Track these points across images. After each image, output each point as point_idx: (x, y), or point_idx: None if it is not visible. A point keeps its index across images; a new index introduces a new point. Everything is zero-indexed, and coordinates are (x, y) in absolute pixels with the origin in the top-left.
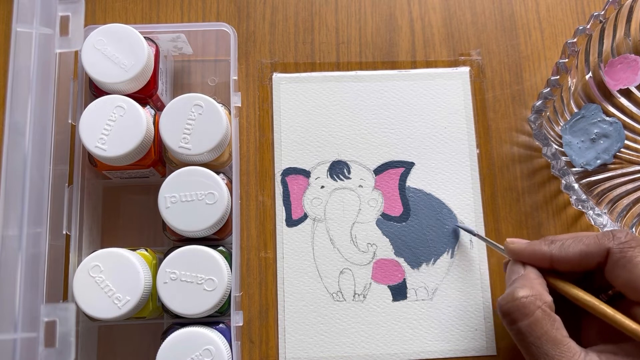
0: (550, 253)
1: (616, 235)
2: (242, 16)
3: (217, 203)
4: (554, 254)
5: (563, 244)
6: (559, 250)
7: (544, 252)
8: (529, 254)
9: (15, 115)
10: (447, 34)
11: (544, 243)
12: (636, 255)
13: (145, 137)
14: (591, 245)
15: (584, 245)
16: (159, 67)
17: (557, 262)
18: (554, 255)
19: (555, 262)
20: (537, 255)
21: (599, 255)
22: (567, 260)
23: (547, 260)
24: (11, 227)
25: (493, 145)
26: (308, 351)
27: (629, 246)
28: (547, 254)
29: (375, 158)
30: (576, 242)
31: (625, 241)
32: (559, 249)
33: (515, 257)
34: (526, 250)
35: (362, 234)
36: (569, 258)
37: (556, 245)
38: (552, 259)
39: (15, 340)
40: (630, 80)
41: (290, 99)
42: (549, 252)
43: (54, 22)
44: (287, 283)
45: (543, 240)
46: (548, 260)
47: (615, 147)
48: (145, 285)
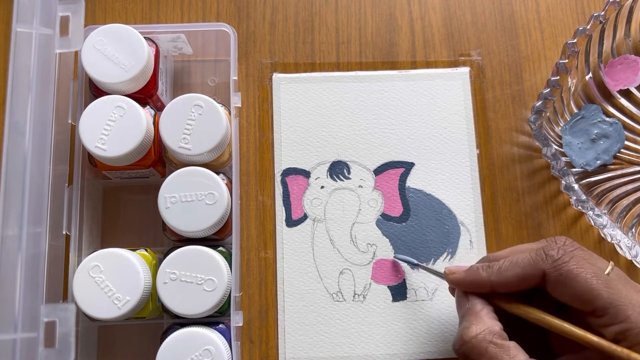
0: (489, 280)
1: (549, 254)
2: (242, 16)
3: (217, 203)
4: (492, 280)
5: (500, 268)
6: (497, 276)
7: (483, 279)
8: (468, 283)
9: (15, 115)
10: (447, 34)
11: (482, 268)
12: (571, 269)
13: (145, 137)
14: (526, 268)
15: (520, 268)
16: (159, 67)
17: (497, 287)
18: (492, 282)
19: (495, 288)
20: (477, 283)
21: (536, 277)
22: (506, 285)
23: (487, 287)
24: (11, 227)
25: (493, 146)
26: (308, 351)
27: (563, 262)
28: (486, 280)
29: (375, 158)
30: (512, 265)
31: (558, 258)
32: (497, 275)
33: (456, 286)
34: (465, 279)
35: (362, 234)
36: (507, 282)
37: (494, 270)
38: (492, 284)
39: (15, 340)
40: (630, 80)
41: (290, 99)
42: (488, 279)
43: (54, 22)
44: (287, 283)
45: (481, 266)
46: (488, 287)
47: (615, 147)
48: (145, 285)
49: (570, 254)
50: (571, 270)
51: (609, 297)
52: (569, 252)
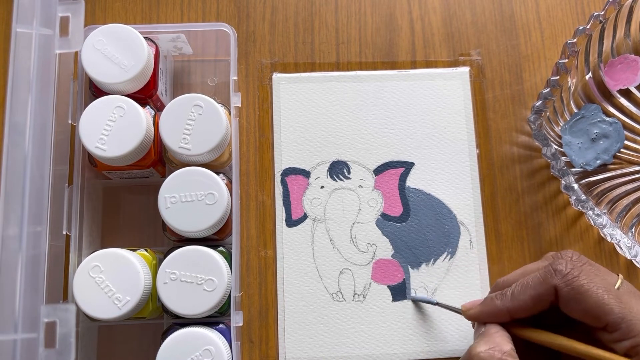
0: (505, 307)
1: (557, 269)
2: (242, 16)
3: (217, 203)
4: (508, 307)
5: (513, 293)
6: (512, 302)
7: (499, 308)
8: (486, 316)
9: (15, 116)
10: (447, 34)
11: (496, 298)
12: (582, 283)
13: (145, 137)
14: (538, 287)
15: (532, 289)
16: (158, 67)
17: (515, 313)
18: (509, 309)
19: (512, 314)
20: (495, 314)
21: (549, 295)
22: (523, 309)
23: (506, 315)
24: (11, 228)
25: (493, 146)
26: (308, 351)
27: (572, 276)
28: (503, 309)
29: (375, 158)
30: (524, 288)
31: (568, 272)
32: (511, 301)
33: (476, 321)
34: (483, 312)
35: (362, 234)
36: (523, 306)
37: (507, 297)
38: (509, 311)
39: (16, 340)
40: (630, 80)
41: (290, 99)
42: (504, 306)
43: (54, 22)
44: (287, 283)
45: (494, 296)
46: (507, 315)
47: (615, 147)
48: (145, 285)
49: (579, 269)
50: (582, 284)
51: (620, 312)
52: (578, 267)
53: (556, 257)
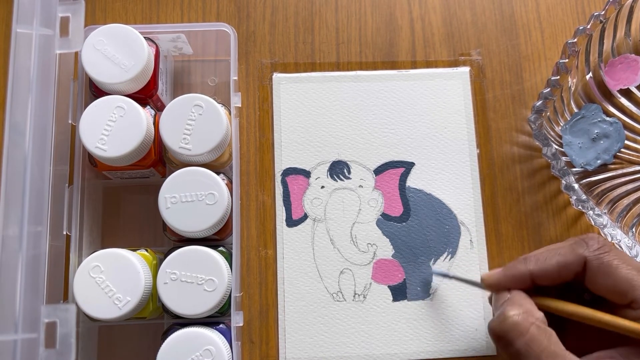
0: (528, 270)
1: (589, 243)
2: (242, 16)
3: (217, 203)
4: (532, 270)
5: (538, 258)
6: (536, 265)
7: (521, 271)
8: (508, 280)
9: (15, 116)
10: (447, 34)
11: (518, 263)
12: (612, 258)
13: (145, 137)
14: (567, 255)
15: (560, 256)
16: (159, 67)
17: (537, 277)
18: (532, 272)
19: (535, 278)
20: (516, 277)
21: (576, 265)
22: (547, 274)
23: (527, 279)
24: (11, 228)
25: (493, 145)
26: (308, 351)
27: (604, 251)
28: (525, 272)
29: (376, 158)
30: (552, 254)
31: (599, 247)
32: (536, 264)
33: (496, 289)
34: (504, 277)
35: (362, 234)
36: (547, 271)
37: (532, 261)
38: (532, 275)
39: (16, 341)
40: (631, 80)
41: (290, 99)
42: (527, 269)
43: (54, 23)
44: (287, 283)
45: (516, 261)
46: (528, 278)
47: (616, 147)
48: (146, 285)
49: (609, 246)
50: (612, 260)
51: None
52: (609, 245)
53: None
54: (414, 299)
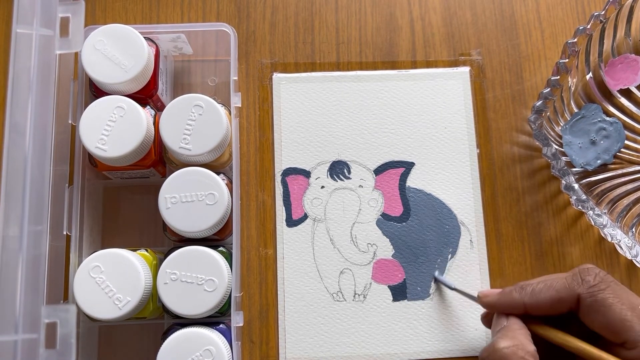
0: (522, 301)
1: (585, 279)
2: (242, 16)
3: (218, 203)
4: (525, 301)
5: (534, 290)
6: (530, 297)
7: (516, 300)
8: (502, 305)
9: (15, 116)
10: (447, 34)
11: (515, 291)
12: (607, 297)
13: (145, 137)
14: (561, 291)
15: (555, 291)
16: (159, 67)
17: (530, 309)
18: (526, 303)
19: (528, 309)
20: (510, 305)
21: (570, 301)
22: (540, 307)
23: (521, 308)
24: (12, 228)
25: (493, 145)
26: (308, 351)
27: (599, 289)
28: (520, 301)
29: (376, 158)
30: (547, 288)
31: (595, 284)
32: (530, 296)
33: (490, 309)
34: (499, 301)
35: (362, 234)
36: (540, 304)
37: (527, 292)
38: (525, 306)
39: (16, 341)
40: (631, 80)
41: (290, 99)
42: (521, 299)
43: (54, 23)
44: (288, 283)
45: (514, 288)
46: (521, 308)
47: (615, 147)
48: (146, 285)
49: (607, 283)
50: (606, 298)
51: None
52: (606, 281)
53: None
54: (414, 299)
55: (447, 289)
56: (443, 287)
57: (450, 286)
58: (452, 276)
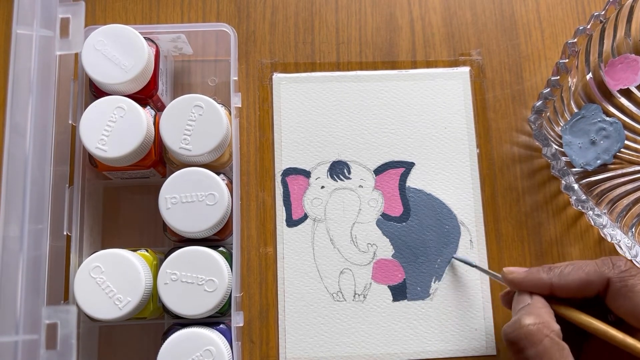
0: (550, 281)
1: (616, 264)
2: (242, 16)
3: (218, 204)
4: (553, 281)
5: (562, 271)
6: (559, 278)
7: (543, 280)
8: (528, 283)
9: (16, 117)
10: (448, 34)
11: (542, 271)
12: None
13: (145, 138)
14: (591, 273)
15: (584, 273)
16: (159, 67)
17: (557, 289)
18: (554, 283)
19: (555, 290)
20: (537, 284)
21: (599, 284)
22: (567, 288)
23: (547, 288)
24: (12, 228)
25: (493, 145)
26: (308, 351)
27: (629, 274)
28: (547, 281)
29: (376, 158)
30: (576, 269)
31: (625, 269)
32: (559, 276)
33: (514, 287)
34: (525, 279)
35: (362, 234)
36: (568, 286)
37: (555, 272)
38: (552, 286)
39: (17, 342)
40: (631, 80)
41: (291, 99)
42: (549, 279)
43: (54, 24)
44: (288, 283)
45: (541, 268)
46: (548, 288)
47: (615, 147)
48: (146, 286)
49: (637, 270)
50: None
51: None
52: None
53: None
54: (414, 299)
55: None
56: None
57: (472, 263)
58: (452, 276)
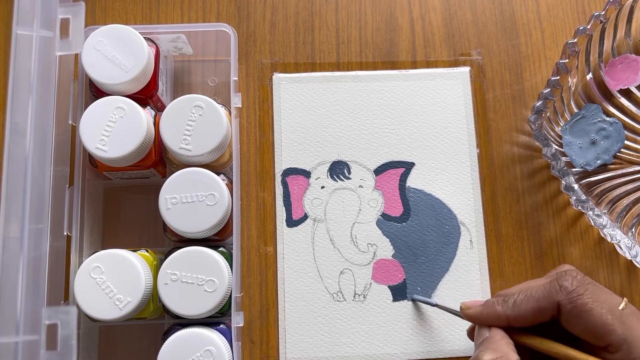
0: (505, 314)
1: (563, 286)
2: (242, 16)
3: (218, 204)
4: (508, 314)
5: (515, 301)
6: (512, 310)
7: (498, 314)
8: (485, 318)
9: (16, 117)
10: (448, 34)
11: (497, 303)
12: (586, 302)
13: (145, 138)
14: (541, 300)
15: (535, 301)
16: (159, 67)
17: (513, 321)
18: (509, 316)
19: (511, 321)
20: (493, 317)
21: (551, 309)
22: (522, 319)
23: (504, 321)
24: (12, 229)
25: (493, 146)
26: (308, 351)
27: (577, 294)
28: (502, 315)
29: (376, 158)
30: (527, 298)
31: (573, 289)
32: (512, 309)
33: (473, 322)
34: (482, 314)
35: (363, 234)
36: (523, 317)
37: (509, 304)
38: (508, 319)
39: (17, 343)
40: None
41: (291, 99)
42: (504, 313)
43: (54, 24)
44: (288, 283)
45: (496, 300)
46: (504, 321)
47: (615, 147)
48: (146, 286)
49: (585, 287)
50: (586, 303)
51: (622, 332)
52: (584, 285)
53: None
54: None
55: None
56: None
57: (432, 303)
58: (452, 276)
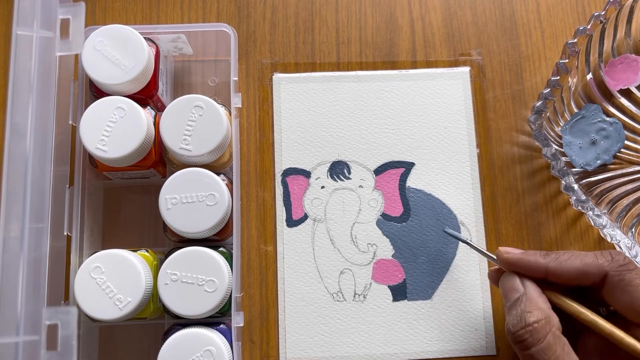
0: (545, 265)
1: (614, 258)
2: (242, 16)
3: (218, 204)
4: (550, 266)
5: (559, 257)
6: (556, 263)
7: (539, 264)
8: (523, 264)
9: (16, 117)
10: (448, 34)
11: (540, 255)
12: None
13: (145, 138)
14: (589, 265)
15: (582, 263)
16: (159, 67)
17: (552, 274)
18: (549, 268)
19: (549, 274)
20: (531, 266)
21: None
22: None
23: (541, 271)
24: (12, 229)
25: (493, 146)
26: (308, 351)
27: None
28: (543, 266)
29: (376, 158)
30: (574, 258)
31: (624, 264)
32: (556, 262)
33: (509, 268)
34: (521, 260)
35: (363, 234)
36: (564, 273)
37: (552, 257)
38: (547, 270)
39: (17, 343)
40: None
41: (291, 99)
42: (545, 264)
43: (55, 25)
44: (288, 283)
45: (537, 252)
46: (542, 271)
47: (615, 147)
48: (146, 286)
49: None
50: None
51: None
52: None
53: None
54: (414, 299)
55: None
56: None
57: (463, 239)
58: (452, 276)
